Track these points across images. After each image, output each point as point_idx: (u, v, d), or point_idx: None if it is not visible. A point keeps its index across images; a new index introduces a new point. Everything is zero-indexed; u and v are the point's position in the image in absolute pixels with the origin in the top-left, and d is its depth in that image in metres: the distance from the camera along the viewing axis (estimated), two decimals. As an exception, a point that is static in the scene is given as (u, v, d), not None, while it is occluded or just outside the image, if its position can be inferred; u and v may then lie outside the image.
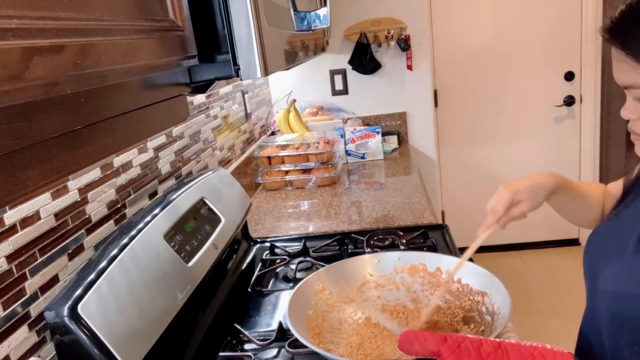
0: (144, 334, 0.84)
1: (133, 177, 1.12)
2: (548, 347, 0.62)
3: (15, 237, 0.75)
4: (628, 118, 0.72)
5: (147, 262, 0.91)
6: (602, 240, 0.82)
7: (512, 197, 0.90)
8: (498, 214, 0.91)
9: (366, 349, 0.90)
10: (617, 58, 0.68)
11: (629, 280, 0.71)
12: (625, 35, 0.65)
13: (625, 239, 0.75)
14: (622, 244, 0.75)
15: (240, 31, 0.69)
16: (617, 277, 0.74)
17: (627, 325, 0.71)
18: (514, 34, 2.96)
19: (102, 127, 0.46)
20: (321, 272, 1.05)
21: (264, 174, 2.13)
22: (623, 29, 0.66)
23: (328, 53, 2.59)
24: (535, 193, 0.90)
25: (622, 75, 0.69)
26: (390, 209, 1.73)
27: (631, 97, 0.70)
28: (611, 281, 0.75)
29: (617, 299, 0.73)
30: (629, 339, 0.71)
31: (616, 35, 0.67)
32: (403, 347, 0.63)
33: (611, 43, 0.67)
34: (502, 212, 0.90)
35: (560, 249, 3.27)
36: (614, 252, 0.76)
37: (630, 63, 0.65)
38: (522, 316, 2.64)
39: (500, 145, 3.15)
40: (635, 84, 0.66)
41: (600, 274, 0.77)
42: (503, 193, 0.91)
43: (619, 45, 0.66)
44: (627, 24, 0.66)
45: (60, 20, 0.36)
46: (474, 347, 0.62)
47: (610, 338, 0.75)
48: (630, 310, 0.70)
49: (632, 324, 0.70)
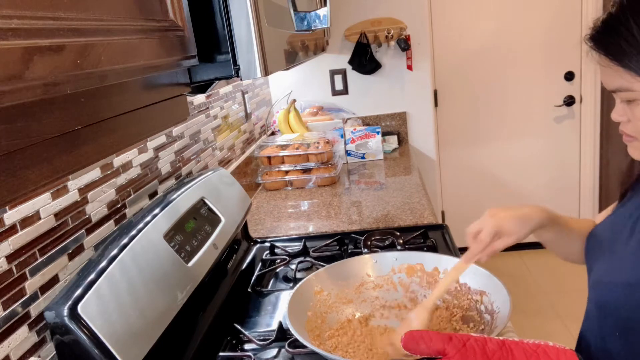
0: (144, 334, 0.84)
1: (133, 177, 1.12)
2: (551, 344, 0.63)
3: (15, 237, 0.75)
4: (618, 120, 0.74)
5: (147, 262, 0.91)
6: (599, 236, 0.84)
7: (497, 227, 0.84)
8: (484, 243, 0.85)
9: (366, 349, 0.90)
10: (602, 64, 0.70)
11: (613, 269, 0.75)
12: (609, 42, 0.69)
13: (617, 233, 0.78)
14: (614, 238, 0.79)
15: (240, 31, 0.69)
16: (604, 268, 0.78)
17: (610, 312, 0.74)
18: (514, 33, 2.96)
19: (102, 127, 0.46)
20: (319, 273, 1.05)
21: (264, 174, 2.13)
22: (606, 37, 0.69)
23: (328, 53, 2.59)
24: (522, 226, 0.85)
25: (608, 80, 0.71)
26: (390, 209, 1.73)
27: (619, 100, 0.73)
28: (601, 271, 0.78)
29: (602, 287, 0.76)
30: (613, 325, 0.74)
31: (600, 43, 0.70)
32: (408, 346, 0.64)
33: (595, 50, 0.70)
34: (487, 241, 0.85)
35: (560, 249, 3.27)
36: (607, 247, 0.80)
37: (614, 68, 0.68)
38: (522, 316, 2.64)
39: (500, 145, 3.15)
40: (622, 87, 0.69)
41: (594, 266, 0.81)
42: (489, 222, 0.85)
43: (603, 52, 0.69)
44: (609, 31, 0.69)
45: (60, 20, 0.36)
46: (479, 345, 0.62)
47: (599, 328, 0.78)
48: (612, 298, 0.73)
49: (614, 312, 0.73)
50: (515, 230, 0.84)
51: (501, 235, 0.85)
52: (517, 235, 0.85)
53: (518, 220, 0.85)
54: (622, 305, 0.72)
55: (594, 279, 0.79)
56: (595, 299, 0.78)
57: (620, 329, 0.73)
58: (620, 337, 0.73)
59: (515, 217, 0.85)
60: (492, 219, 0.85)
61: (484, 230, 0.85)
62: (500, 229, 0.85)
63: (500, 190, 3.19)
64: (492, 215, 0.86)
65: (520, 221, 0.85)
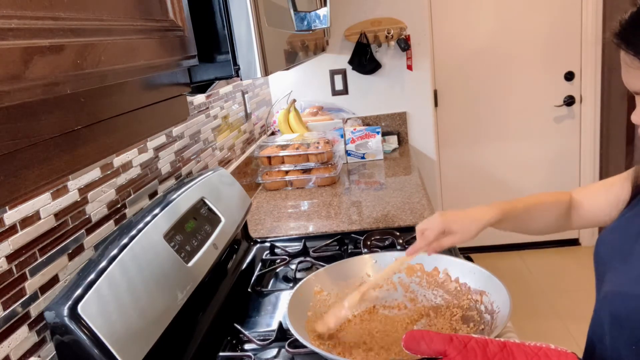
0: (144, 334, 0.84)
1: (133, 177, 1.12)
2: (552, 347, 0.62)
3: (15, 237, 0.75)
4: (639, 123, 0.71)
5: (147, 262, 0.91)
6: (610, 243, 0.81)
7: (443, 226, 0.92)
8: (428, 239, 0.93)
9: (366, 349, 0.90)
10: (629, 63, 0.65)
11: (629, 280, 0.71)
12: (637, 39, 0.63)
13: (631, 241, 0.75)
14: (628, 246, 0.75)
15: (240, 31, 0.69)
16: (619, 278, 0.74)
17: (625, 325, 0.71)
18: (514, 33, 2.96)
19: (102, 127, 0.46)
20: (319, 273, 1.05)
21: (264, 174, 2.13)
22: (634, 33, 0.64)
23: (328, 53, 2.59)
24: (468, 227, 0.91)
25: (632, 81, 0.66)
26: (390, 209, 1.73)
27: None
28: (613, 282, 0.75)
29: (617, 298, 0.73)
30: (628, 338, 0.71)
31: (627, 39, 0.64)
32: (409, 346, 0.63)
33: (621, 48, 0.65)
34: (432, 238, 0.93)
35: (560, 249, 3.27)
36: (620, 254, 0.76)
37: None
38: (522, 316, 2.64)
39: (500, 145, 3.15)
40: None
41: (606, 276, 0.77)
42: (436, 220, 0.92)
43: (631, 50, 0.64)
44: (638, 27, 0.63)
45: (60, 20, 0.36)
46: (480, 347, 0.62)
47: (611, 339, 0.75)
48: (628, 310, 0.70)
49: (630, 324, 0.70)
50: (461, 230, 0.91)
51: (448, 234, 0.92)
52: (462, 235, 0.91)
53: (465, 221, 0.91)
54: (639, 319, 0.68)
55: (608, 290, 0.76)
56: (610, 311, 0.74)
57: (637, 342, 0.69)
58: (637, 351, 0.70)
59: (462, 218, 0.92)
60: (440, 218, 0.92)
61: (429, 229, 0.92)
62: (447, 228, 0.91)
63: (500, 190, 3.19)
64: (440, 214, 0.93)
65: (467, 222, 0.91)
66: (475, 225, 0.91)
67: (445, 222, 0.92)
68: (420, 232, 0.94)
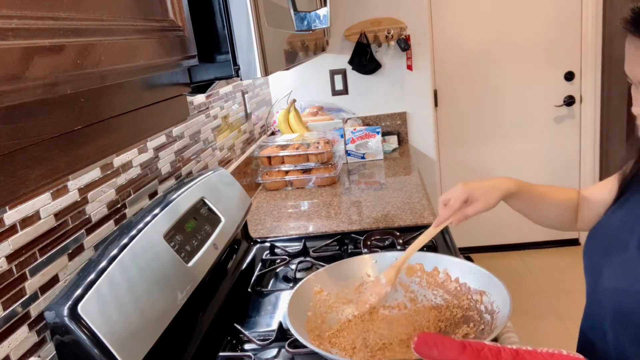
0: (144, 334, 0.84)
1: (133, 177, 1.12)
2: (564, 353, 0.62)
3: (15, 237, 0.75)
4: None
5: (147, 262, 0.91)
6: (602, 239, 0.82)
7: (467, 194, 0.93)
8: (453, 209, 0.94)
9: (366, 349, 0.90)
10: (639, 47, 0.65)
11: (632, 277, 0.71)
12: None
13: (625, 236, 0.75)
14: (623, 241, 0.75)
15: (240, 31, 0.69)
16: (620, 274, 0.74)
17: (630, 321, 0.70)
18: (514, 33, 2.96)
19: (102, 127, 0.46)
20: (319, 273, 1.05)
21: (264, 174, 2.13)
22: None
23: (328, 53, 2.59)
24: (490, 194, 0.93)
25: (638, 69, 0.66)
26: (390, 209, 1.73)
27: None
28: (615, 278, 0.75)
29: (620, 295, 0.73)
30: (633, 335, 0.71)
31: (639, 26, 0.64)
32: (420, 350, 0.62)
33: (634, 35, 0.65)
34: (457, 207, 0.94)
35: (560, 249, 3.27)
36: (615, 249, 0.77)
37: None
38: (522, 316, 2.64)
39: (500, 145, 3.15)
40: None
41: (604, 271, 0.77)
42: (459, 189, 0.94)
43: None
44: None
45: (60, 20, 0.36)
46: (493, 354, 0.61)
47: (614, 335, 0.75)
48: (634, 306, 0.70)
49: (635, 320, 0.69)
50: (484, 196, 0.93)
51: (471, 202, 0.94)
52: (486, 202, 0.93)
53: (487, 188, 0.94)
54: None
55: (608, 286, 0.76)
56: (613, 307, 0.74)
57: None
58: None
59: (484, 186, 0.94)
60: (462, 187, 0.94)
61: (453, 197, 0.94)
62: (470, 196, 0.93)
63: (500, 190, 3.19)
64: (463, 184, 0.94)
65: (488, 189, 0.93)
66: (496, 192, 0.93)
67: (468, 190, 0.93)
68: (443, 203, 0.96)
